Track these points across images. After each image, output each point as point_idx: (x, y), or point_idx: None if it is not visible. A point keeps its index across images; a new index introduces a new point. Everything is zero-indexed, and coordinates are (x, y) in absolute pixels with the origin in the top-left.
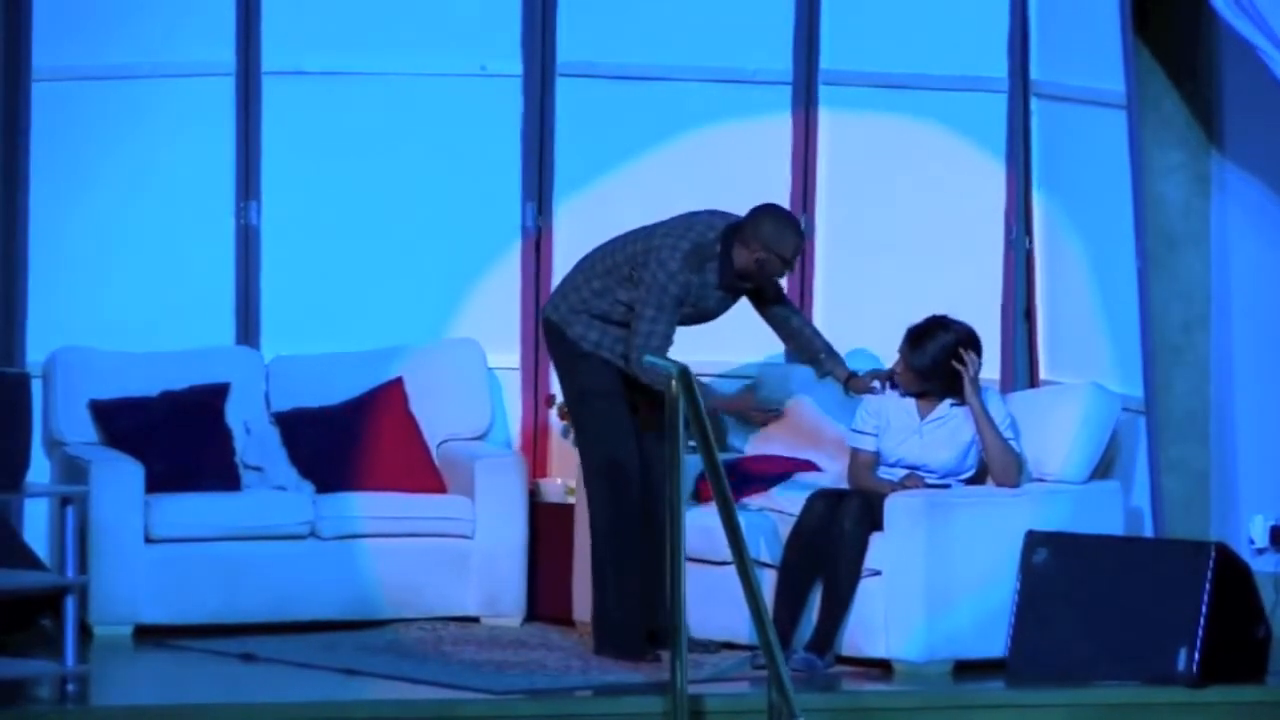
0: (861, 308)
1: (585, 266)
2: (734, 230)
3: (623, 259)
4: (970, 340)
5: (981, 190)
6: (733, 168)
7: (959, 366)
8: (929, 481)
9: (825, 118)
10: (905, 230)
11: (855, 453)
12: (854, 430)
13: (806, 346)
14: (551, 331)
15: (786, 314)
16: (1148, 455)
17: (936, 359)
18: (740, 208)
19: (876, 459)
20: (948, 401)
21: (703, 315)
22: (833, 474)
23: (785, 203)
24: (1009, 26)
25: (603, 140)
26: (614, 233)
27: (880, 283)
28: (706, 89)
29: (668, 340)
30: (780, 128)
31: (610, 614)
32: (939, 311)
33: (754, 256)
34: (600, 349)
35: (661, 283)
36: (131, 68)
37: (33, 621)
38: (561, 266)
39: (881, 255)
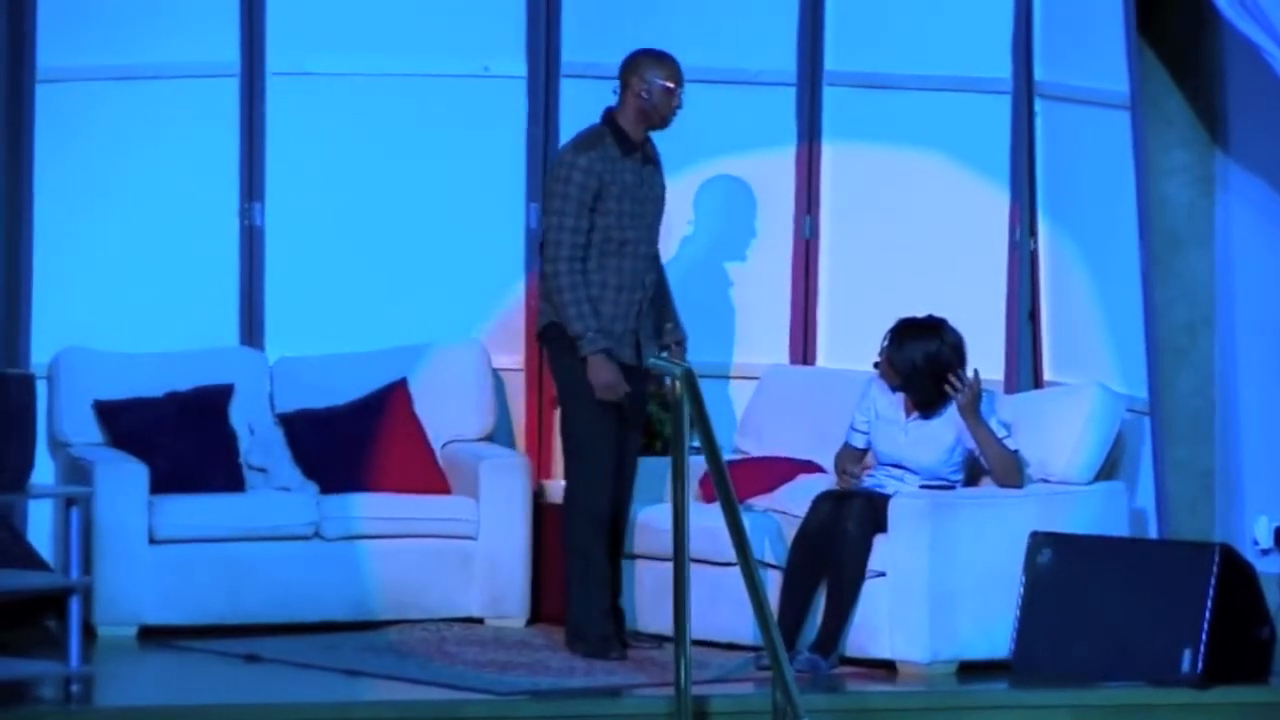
0: (865, 308)
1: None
2: (609, 108)
3: (543, 202)
4: (955, 355)
5: (985, 191)
6: (736, 169)
7: (950, 392)
8: (920, 484)
9: (829, 118)
10: (909, 231)
11: (845, 444)
12: (851, 427)
13: (660, 312)
14: (540, 336)
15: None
16: (1152, 456)
17: (915, 363)
18: (743, 208)
19: (864, 455)
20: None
21: (634, 197)
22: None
23: (789, 204)
24: (1013, 27)
25: None
26: None
27: (884, 283)
28: (710, 90)
29: (577, 240)
30: (784, 128)
31: (581, 613)
32: (943, 311)
33: (637, 96)
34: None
35: (561, 176)
36: (136, 69)
37: (37, 622)
38: None
39: (885, 256)
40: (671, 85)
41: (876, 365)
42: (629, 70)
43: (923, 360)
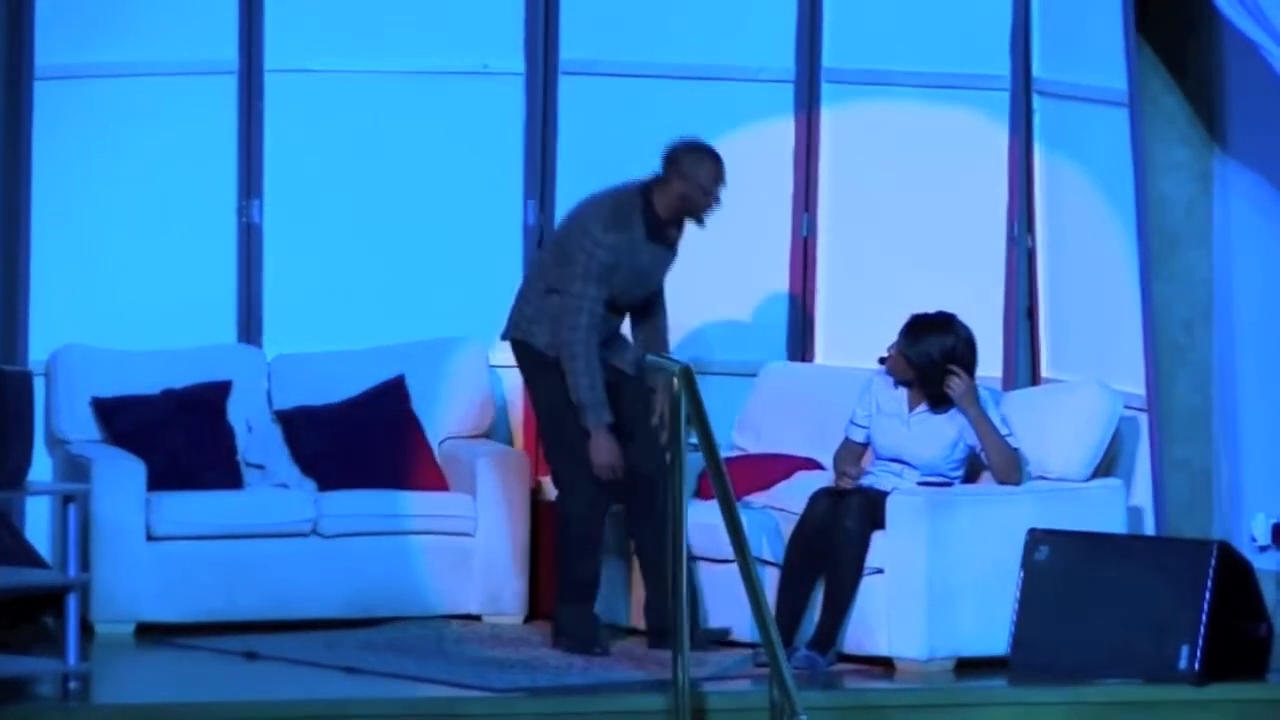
0: (863, 305)
1: (530, 274)
2: (654, 179)
3: (556, 247)
4: (969, 349)
5: (983, 188)
6: (735, 166)
7: (947, 390)
8: (919, 480)
9: (827, 116)
10: (907, 228)
11: (845, 440)
12: (851, 421)
13: (654, 341)
14: (519, 349)
15: (658, 325)
16: (1150, 453)
17: (931, 357)
18: (744, 205)
19: (864, 450)
20: None
21: (639, 278)
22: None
23: (788, 201)
24: (1011, 24)
25: (605, 138)
26: None
27: (882, 280)
28: (709, 87)
29: (596, 309)
30: (783, 126)
31: (565, 610)
32: (941, 309)
33: (676, 193)
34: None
35: (589, 250)
36: (134, 66)
37: (35, 619)
38: None
39: (883, 253)
40: (714, 188)
41: (883, 360)
42: (673, 162)
43: (939, 354)
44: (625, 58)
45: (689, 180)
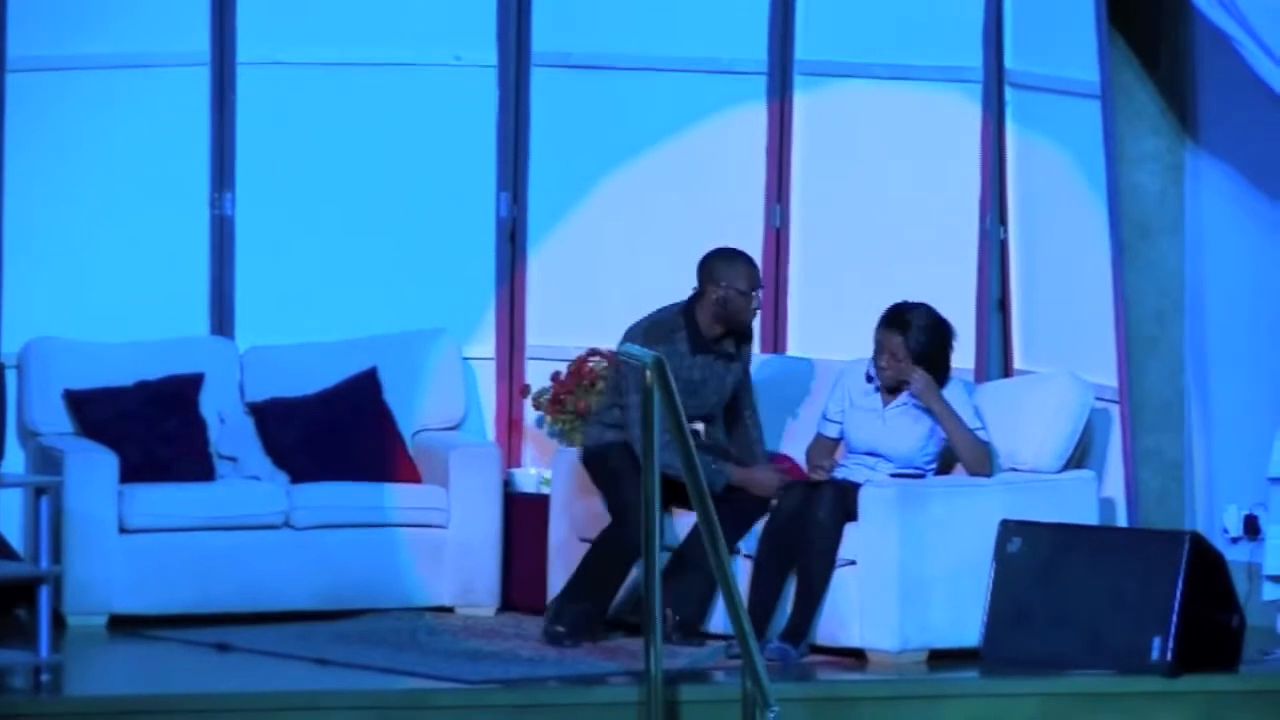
0: (835, 297)
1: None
2: (694, 295)
3: (610, 371)
4: (942, 318)
5: (956, 179)
6: (708, 157)
7: (908, 389)
8: (892, 472)
9: (800, 107)
10: (880, 220)
11: (818, 436)
12: (823, 416)
13: (747, 453)
14: (586, 456)
15: (750, 429)
16: (1122, 445)
17: (930, 336)
18: (718, 196)
19: (837, 445)
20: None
21: (691, 389)
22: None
23: (760, 192)
24: (984, 16)
25: (578, 130)
26: (587, 224)
27: (854, 272)
28: (682, 79)
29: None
30: (755, 117)
31: (575, 608)
32: (913, 299)
33: (713, 299)
34: (620, 436)
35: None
36: (107, 58)
37: (7, 611)
38: (535, 257)
39: (856, 245)
40: (750, 289)
41: (870, 378)
42: (707, 271)
43: (931, 328)
44: (598, 49)
45: (724, 285)
